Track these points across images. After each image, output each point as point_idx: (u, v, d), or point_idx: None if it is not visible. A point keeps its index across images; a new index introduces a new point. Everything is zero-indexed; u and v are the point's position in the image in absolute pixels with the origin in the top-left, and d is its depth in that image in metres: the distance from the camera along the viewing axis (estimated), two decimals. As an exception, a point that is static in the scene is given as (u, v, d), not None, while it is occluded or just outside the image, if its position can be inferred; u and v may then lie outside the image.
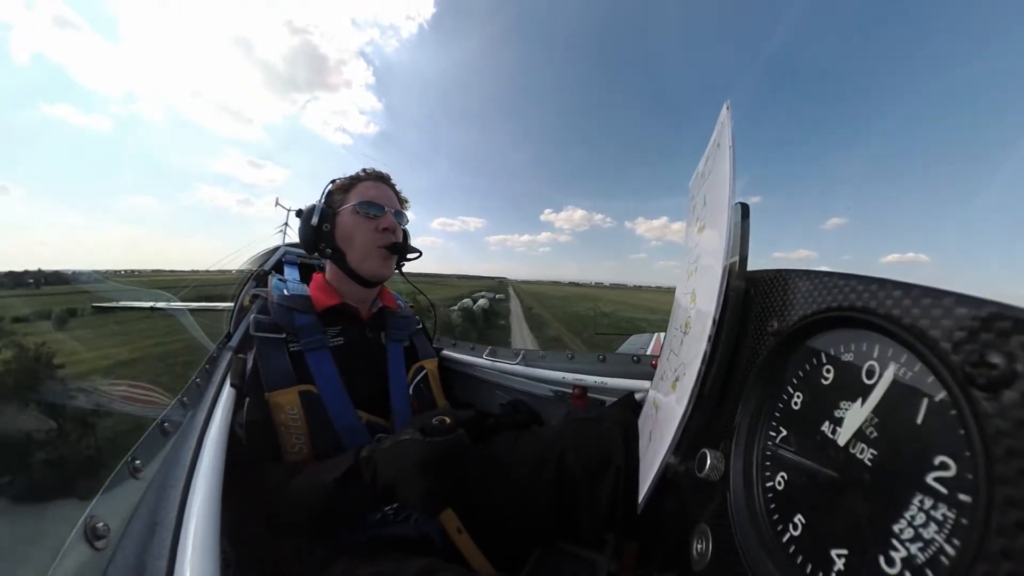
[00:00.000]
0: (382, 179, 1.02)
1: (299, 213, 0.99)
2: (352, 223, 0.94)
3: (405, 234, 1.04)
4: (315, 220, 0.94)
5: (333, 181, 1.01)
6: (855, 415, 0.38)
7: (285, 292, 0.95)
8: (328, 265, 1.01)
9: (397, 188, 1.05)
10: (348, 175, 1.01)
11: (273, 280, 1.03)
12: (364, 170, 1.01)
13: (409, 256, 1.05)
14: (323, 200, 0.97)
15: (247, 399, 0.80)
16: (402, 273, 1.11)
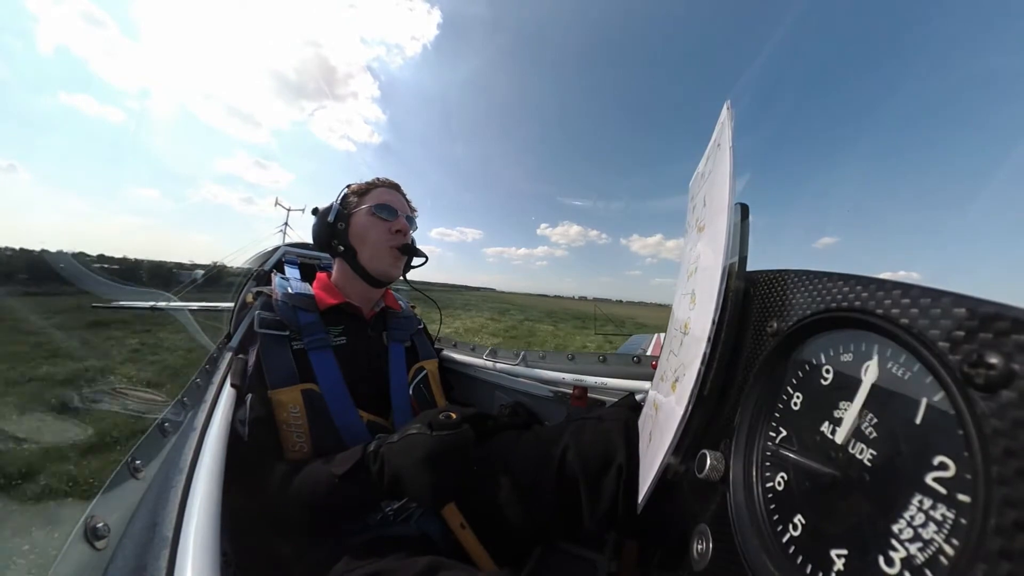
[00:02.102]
0: (395, 187, 1.06)
1: (315, 211, 1.04)
2: (366, 223, 0.97)
3: (412, 241, 1.07)
4: (331, 218, 0.98)
5: (349, 186, 1.05)
6: (853, 415, 0.39)
7: (289, 290, 0.96)
8: (337, 263, 1.03)
9: (408, 197, 1.09)
10: (363, 181, 1.05)
11: (276, 278, 1.05)
12: (378, 178, 1.06)
13: (415, 262, 1.07)
14: (339, 202, 1.01)
15: (250, 396, 0.81)
16: (407, 280, 1.12)
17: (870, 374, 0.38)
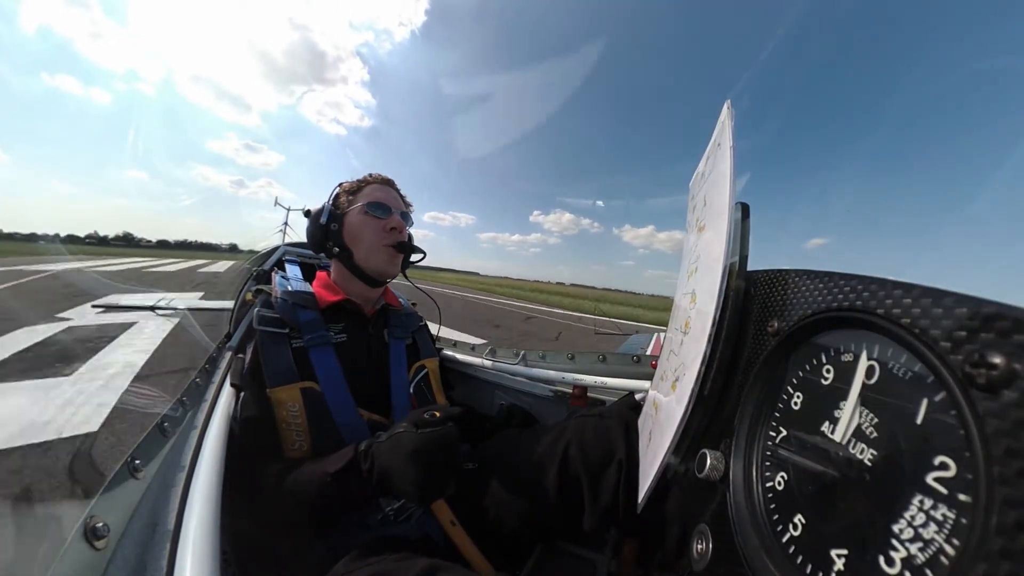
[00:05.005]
0: (388, 183, 1.05)
1: (307, 214, 1.02)
2: (360, 222, 0.97)
3: (409, 237, 1.05)
4: (323, 219, 0.97)
5: (340, 184, 1.03)
6: (851, 415, 0.39)
7: (289, 288, 0.96)
8: (334, 264, 1.02)
9: (402, 192, 1.08)
10: (355, 179, 1.04)
11: (277, 277, 1.05)
12: (370, 175, 1.04)
13: (413, 258, 1.07)
14: (331, 202, 1.00)
15: (243, 394, 0.81)
16: (406, 276, 1.12)
17: (871, 374, 0.38)
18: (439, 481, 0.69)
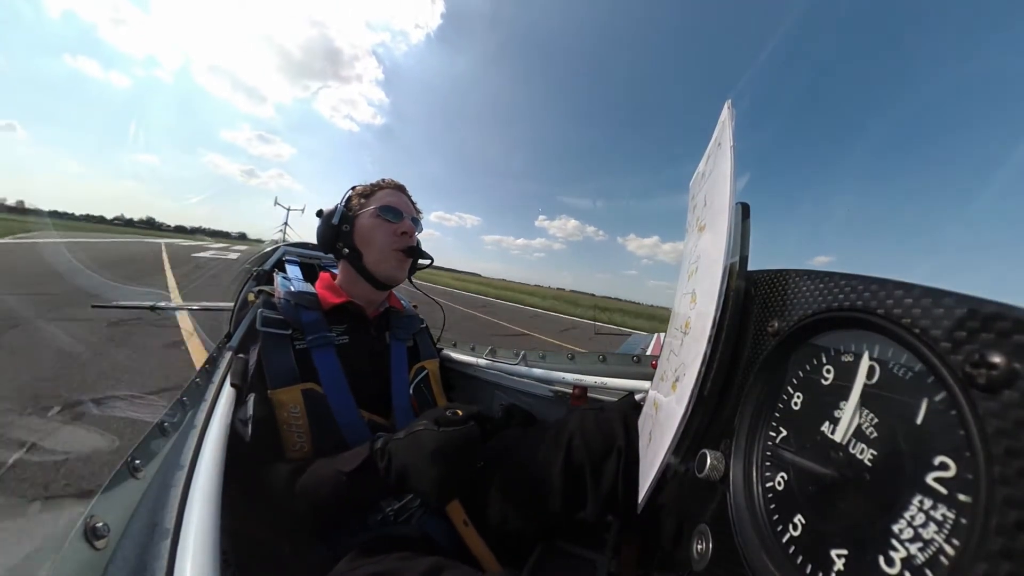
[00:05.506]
0: (400, 188, 1.06)
1: (319, 213, 1.03)
2: (371, 225, 0.97)
3: (417, 242, 1.06)
4: (336, 220, 0.97)
5: (353, 187, 1.04)
6: (851, 415, 0.39)
7: (292, 288, 0.96)
8: (341, 266, 1.03)
9: (413, 199, 1.09)
10: (368, 183, 1.05)
11: (279, 277, 1.05)
12: (383, 180, 1.06)
13: (421, 263, 1.07)
14: (343, 203, 1.00)
15: (252, 396, 0.81)
16: (411, 282, 1.12)
17: (871, 374, 0.38)
18: (458, 481, 0.69)
